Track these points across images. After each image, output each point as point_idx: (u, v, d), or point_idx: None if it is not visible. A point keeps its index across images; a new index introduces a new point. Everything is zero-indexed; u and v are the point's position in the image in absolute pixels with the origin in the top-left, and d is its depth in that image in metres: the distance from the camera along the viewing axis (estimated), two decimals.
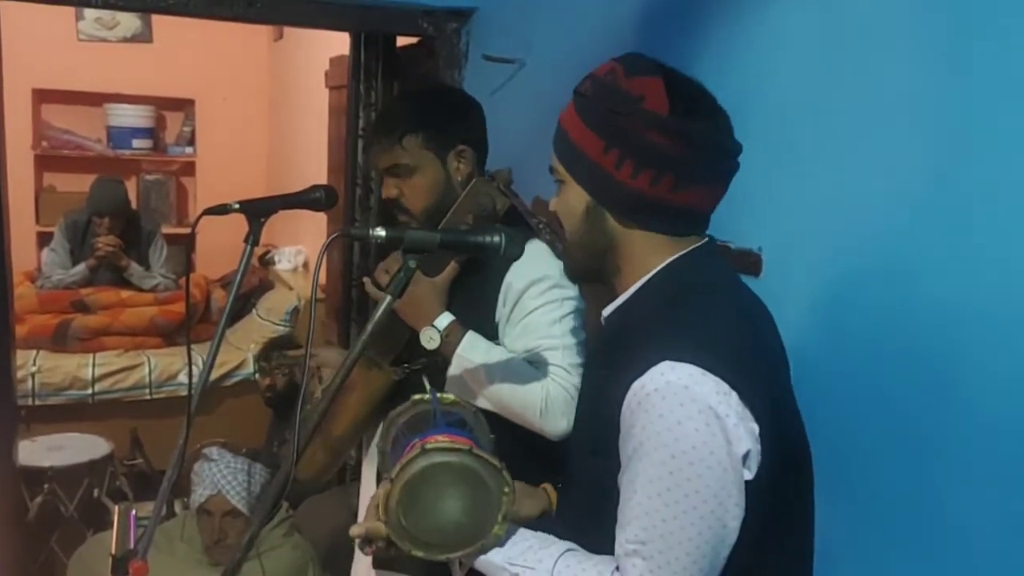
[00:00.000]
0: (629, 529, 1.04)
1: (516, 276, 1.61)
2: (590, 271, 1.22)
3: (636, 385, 1.03)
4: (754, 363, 1.09)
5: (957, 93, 1.18)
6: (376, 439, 1.81)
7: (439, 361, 1.60)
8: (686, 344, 1.03)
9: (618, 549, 1.06)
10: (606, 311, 1.22)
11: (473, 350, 1.57)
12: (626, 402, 1.04)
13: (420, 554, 1.11)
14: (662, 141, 1.07)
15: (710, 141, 1.10)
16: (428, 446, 1.10)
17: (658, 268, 1.15)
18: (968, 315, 1.15)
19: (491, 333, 1.63)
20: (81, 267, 4.43)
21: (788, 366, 1.18)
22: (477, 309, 1.63)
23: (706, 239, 1.18)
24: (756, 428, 1.02)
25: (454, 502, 1.10)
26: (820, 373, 1.35)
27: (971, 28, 1.16)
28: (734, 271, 1.25)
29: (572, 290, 1.62)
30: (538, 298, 1.60)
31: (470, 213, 1.61)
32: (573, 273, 1.28)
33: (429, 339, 1.56)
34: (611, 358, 1.15)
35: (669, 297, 1.12)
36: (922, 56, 1.23)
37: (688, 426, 0.99)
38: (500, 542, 1.13)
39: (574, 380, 1.55)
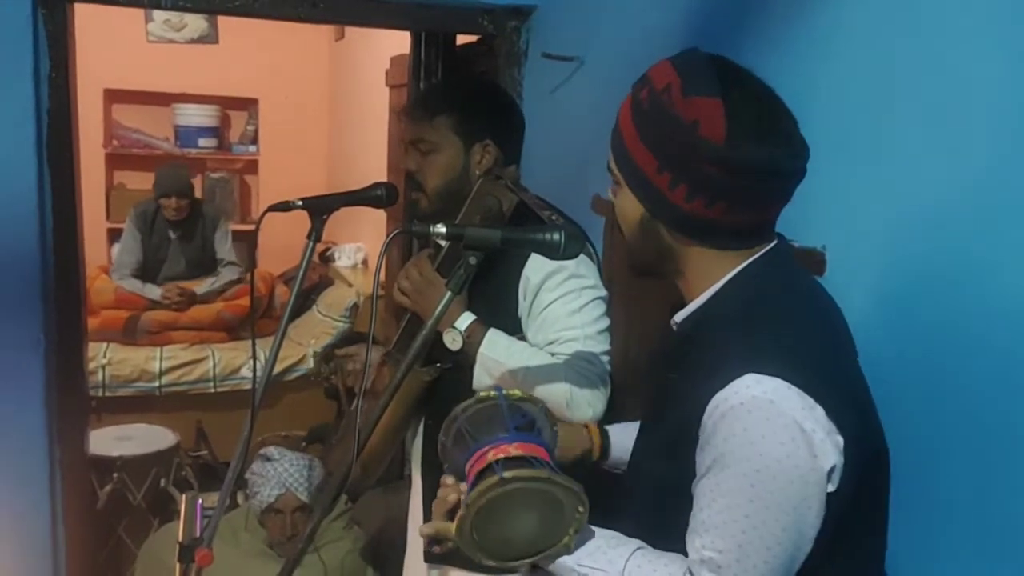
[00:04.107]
0: (706, 536, 1.03)
1: (532, 270, 1.62)
2: (650, 271, 1.21)
3: (719, 397, 1.01)
4: (837, 371, 1.06)
5: None
6: (417, 437, 1.84)
7: (466, 360, 1.61)
8: (770, 356, 1.01)
9: (692, 555, 1.05)
10: (678, 317, 1.20)
11: (495, 348, 1.58)
12: (707, 413, 1.02)
13: (490, 563, 1.12)
14: (716, 171, 1.03)
15: (769, 169, 1.05)
16: (507, 475, 1.08)
17: (728, 277, 1.12)
18: None
19: (514, 328, 1.64)
20: (157, 293, 4.46)
21: (858, 358, 1.15)
22: (498, 305, 1.65)
23: (775, 241, 1.15)
24: (841, 441, 1.00)
25: (527, 520, 1.10)
26: (887, 375, 1.32)
27: None
28: (805, 269, 1.23)
29: (591, 279, 1.63)
30: (555, 290, 1.61)
31: (477, 215, 1.62)
32: (633, 270, 1.27)
33: (452, 340, 1.59)
34: (684, 364, 1.12)
35: (745, 305, 1.09)
36: (992, 45, 1.19)
37: (772, 440, 0.98)
38: (569, 550, 1.12)
39: (597, 370, 1.57)
